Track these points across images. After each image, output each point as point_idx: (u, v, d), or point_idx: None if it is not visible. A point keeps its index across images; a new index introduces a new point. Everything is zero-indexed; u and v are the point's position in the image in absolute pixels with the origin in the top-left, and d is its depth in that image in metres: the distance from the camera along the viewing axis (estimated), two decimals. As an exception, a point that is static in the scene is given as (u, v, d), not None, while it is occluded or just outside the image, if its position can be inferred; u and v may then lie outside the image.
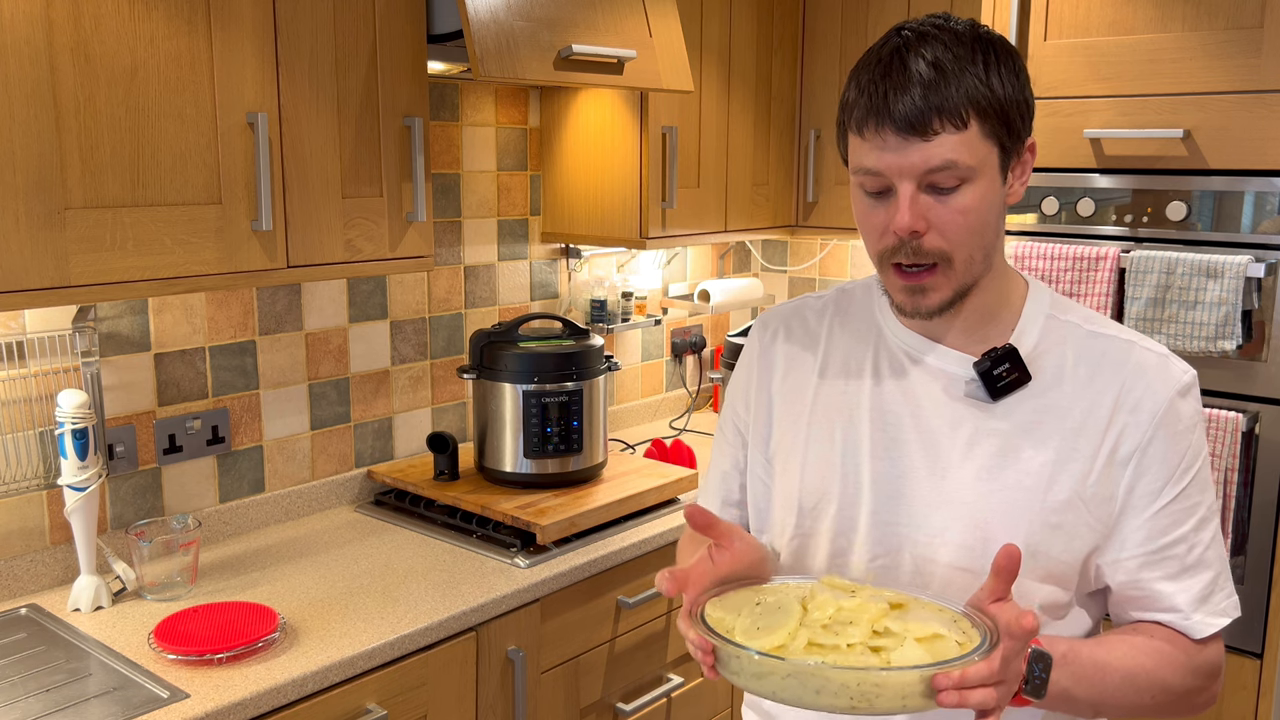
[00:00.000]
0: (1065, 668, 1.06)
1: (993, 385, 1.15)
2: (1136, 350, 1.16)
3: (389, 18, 1.90)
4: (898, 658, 0.96)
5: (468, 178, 2.54)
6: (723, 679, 1.03)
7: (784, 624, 1.01)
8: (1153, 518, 1.13)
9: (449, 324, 2.56)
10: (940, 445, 1.17)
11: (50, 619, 1.79)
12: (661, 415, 3.16)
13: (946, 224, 1.08)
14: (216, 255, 1.71)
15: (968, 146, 1.06)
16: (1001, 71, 1.07)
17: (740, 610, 1.06)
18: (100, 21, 1.55)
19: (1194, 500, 1.14)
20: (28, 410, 1.87)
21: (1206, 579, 1.14)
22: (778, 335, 1.31)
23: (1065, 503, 1.13)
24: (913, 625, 1.00)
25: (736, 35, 2.70)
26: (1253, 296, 2.05)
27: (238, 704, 1.54)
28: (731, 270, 3.35)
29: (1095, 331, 1.18)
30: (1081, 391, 1.15)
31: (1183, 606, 1.14)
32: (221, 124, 1.69)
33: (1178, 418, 1.14)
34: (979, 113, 1.06)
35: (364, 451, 2.42)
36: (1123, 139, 2.19)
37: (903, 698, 0.94)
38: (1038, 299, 1.21)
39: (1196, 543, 1.14)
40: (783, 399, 1.28)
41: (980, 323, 1.19)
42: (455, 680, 1.86)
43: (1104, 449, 1.13)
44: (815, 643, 0.99)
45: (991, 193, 1.09)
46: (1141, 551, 1.14)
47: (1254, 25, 2.03)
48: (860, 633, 0.99)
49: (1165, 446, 1.13)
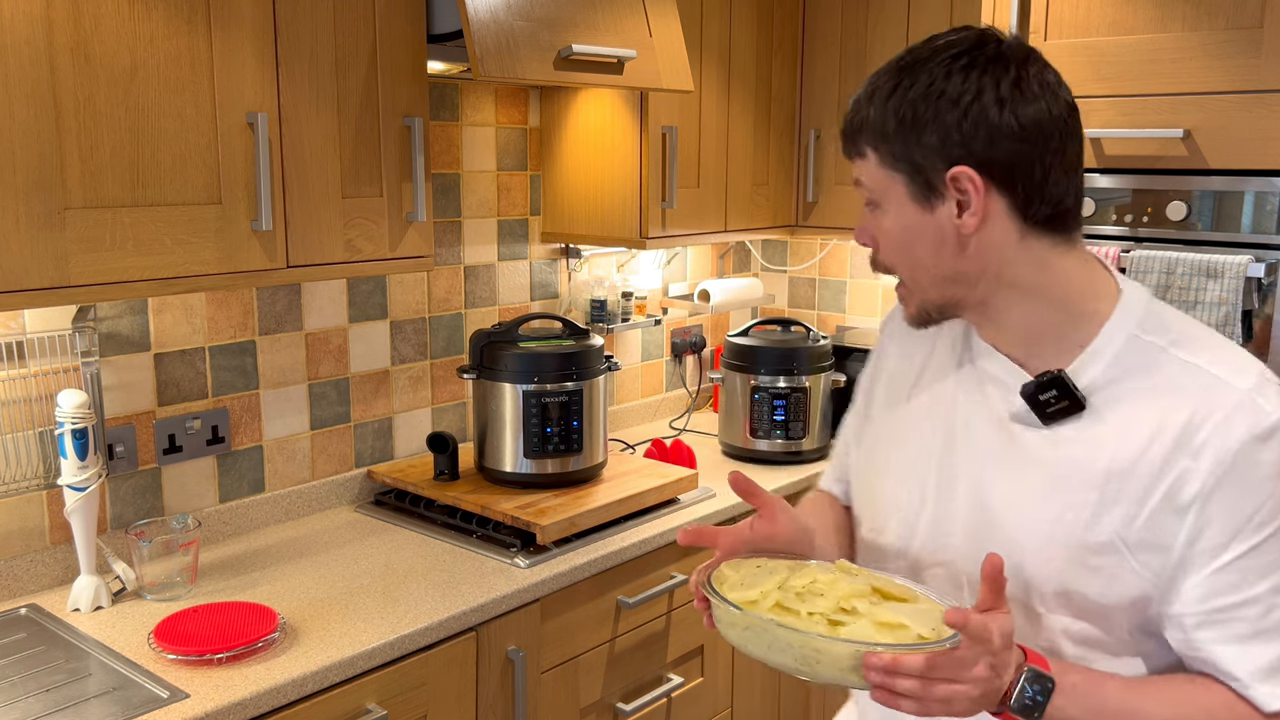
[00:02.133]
0: (1076, 698, 1.02)
1: (1041, 410, 1.10)
2: (1215, 382, 1.04)
3: (389, 18, 1.90)
4: (848, 632, 1.01)
5: (468, 178, 2.54)
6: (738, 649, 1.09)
7: (761, 585, 1.09)
8: (1214, 574, 1.03)
9: (449, 324, 2.56)
10: (991, 464, 1.15)
11: (50, 619, 1.79)
12: (661, 415, 3.16)
13: (881, 241, 1.13)
14: (216, 255, 1.71)
15: (868, 174, 1.11)
16: (906, 109, 1.06)
17: (742, 569, 1.13)
18: (100, 21, 1.55)
19: (1273, 558, 1.02)
20: (28, 410, 1.87)
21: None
22: (895, 333, 1.32)
23: (1105, 544, 1.06)
24: (883, 611, 1.04)
25: (736, 36, 2.70)
26: (1253, 296, 2.05)
27: (238, 704, 1.54)
28: (731, 270, 3.35)
29: (1178, 357, 1.07)
30: (1140, 425, 1.06)
31: (1241, 675, 1.03)
32: (221, 124, 1.69)
33: (1253, 465, 1.01)
34: (874, 146, 1.09)
35: (364, 451, 2.42)
36: (1123, 139, 2.19)
37: (840, 669, 0.98)
38: (1125, 315, 1.10)
39: (1274, 606, 1.02)
40: (883, 398, 1.30)
41: (1034, 339, 1.12)
42: (455, 680, 1.86)
43: (1157, 493, 1.04)
44: (783, 605, 1.05)
45: (906, 218, 1.09)
46: (1200, 610, 1.04)
47: (1254, 25, 2.03)
48: (826, 604, 1.04)
49: (1234, 496, 1.01)
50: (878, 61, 2.73)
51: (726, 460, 2.76)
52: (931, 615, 1.04)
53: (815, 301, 3.36)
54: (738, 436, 2.78)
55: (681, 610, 2.31)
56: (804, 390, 2.72)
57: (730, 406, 2.80)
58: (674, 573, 2.27)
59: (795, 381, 2.72)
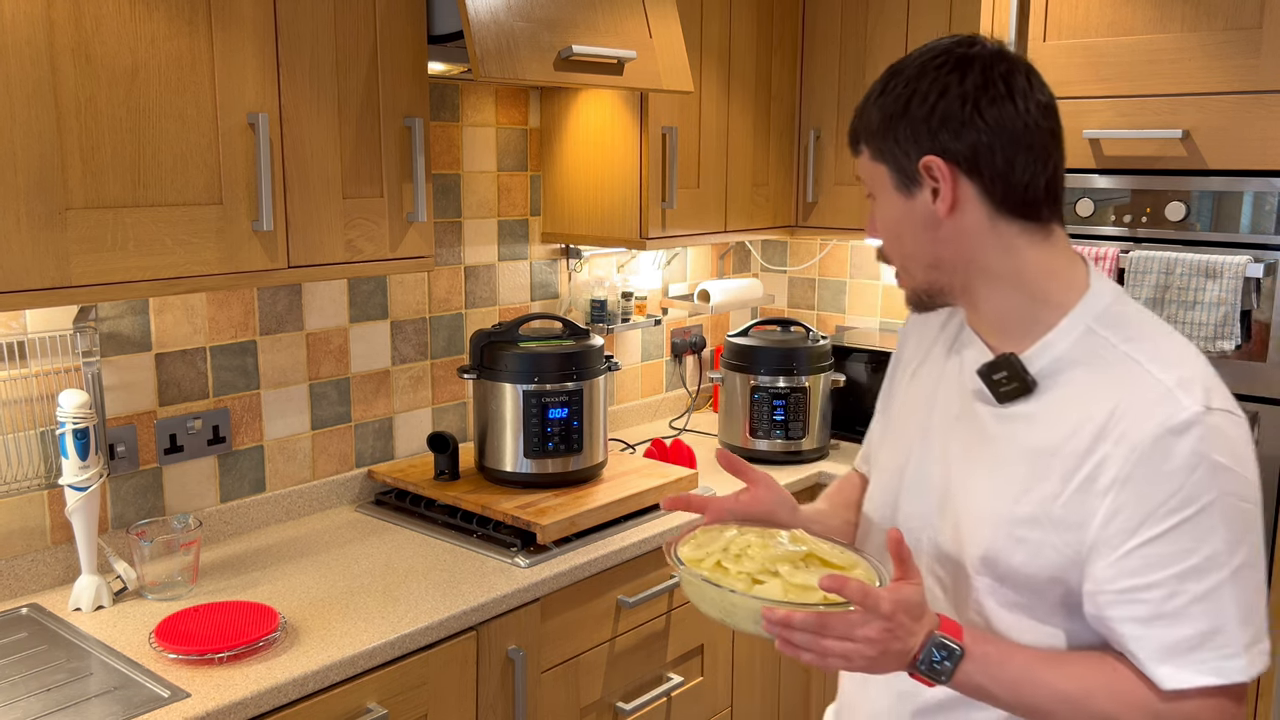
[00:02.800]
0: (986, 667, 1.11)
1: (995, 390, 1.19)
2: (1143, 376, 1.11)
3: (389, 18, 1.90)
4: (762, 591, 1.15)
5: (468, 178, 2.55)
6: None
7: (708, 547, 1.24)
8: (1124, 556, 1.08)
9: (449, 324, 2.56)
10: (954, 439, 1.26)
11: (51, 618, 1.79)
12: (661, 415, 3.16)
13: (876, 231, 1.25)
14: (217, 255, 1.71)
15: (863, 167, 1.23)
16: (889, 105, 1.18)
17: (708, 533, 1.29)
18: (101, 22, 1.55)
19: (1179, 547, 1.06)
20: (29, 410, 1.87)
21: (1186, 632, 1.06)
22: (916, 320, 1.42)
23: (1030, 519, 1.14)
24: (801, 575, 1.17)
25: (736, 36, 2.70)
26: (1252, 297, 2.05)
27: (238, 703, 1.54)
28: (731, 270, 3.35)
29: (1122, 351, 1.14)
30: (1073, 411, 1.13)
31: (1141, 654, 1.09)
32: (222, 124, 1.70)
33: (1165, 456, 1.06)
34: (865, 141, 1.22)
35: (364, 451, 2.42)
36: (1122, 139, 2.19)
37: (753, 622, 1.12)
38: (1085, 311, 1.17)
39: (1179, 592, 1.06)
40: (902, 378, 1.41)
41: (1005, 327, 1.20)
42: (455, 680, 1.86)
43: (1079, 475, 1.11)
44: (722, 565, 1.20)
45: (893, 208, 1.21)
46: (1110, 589, 1.10)
47: (1253, 25, 2.03)
48: (752, 566, 1.19)
49: (1144, 485, 1.07)
50: (878, 61, 2.75)
51: (726, 460, 2.76)
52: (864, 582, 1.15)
53: (815, 301, 3.37)
54: (737, 436, 2.78)
55: (681, 610, 2.31)
56: (804, 390, 2.73)
57: (730, 406, 2.81)
58: (674, 573, 2.27)
59: (795, 381, 2.73)
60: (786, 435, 2.73)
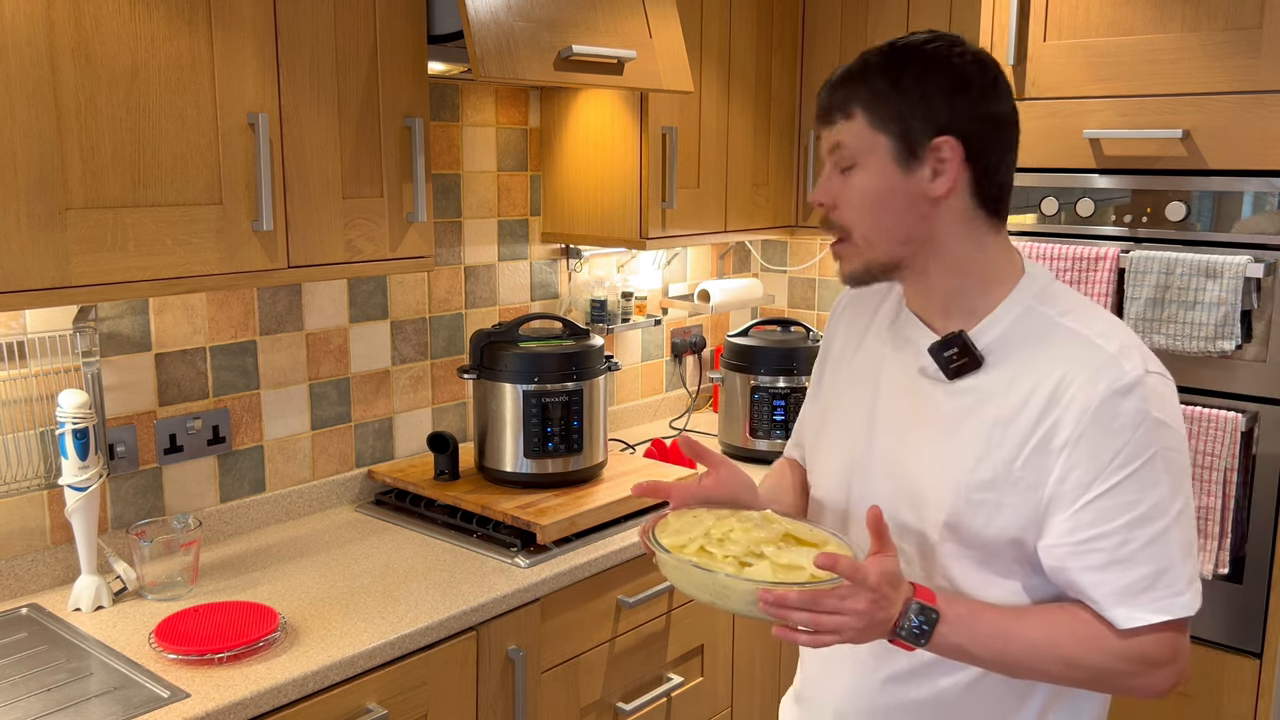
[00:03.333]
0: (960, 626, 1.18)
1: (945, 366, 1.26)
2: (1086, 345, 1.20)
3: (389, 18, 1.90)
4: (750, 573, 1.17)
5: (468, 178, 2.55)
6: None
7: (689, 532, 1.26)
8: (1079, 511, 1.17)
9: (449, 324, 2.56)
10: (904, 416, 1.31)
11: (51, 619, 1.79)
12: (661, 415, 3.16)
13: (844, 201, 1.25)
14: (217, 255, 1.71)
15: (853, 134, 1.23)
16: (903, 81, 1.21)
17: (683, 519, 1.30)
18: (101, 22, 1.55)
19: (1130, 498, 1.16)
20: (28, 410, 1.87)
21: (1138, 574, 1.16)
22: (845, 311, 1.48)
23: (988, 482, 1.21)
24: (786, 555, 1.20)
25: (736, 36, 2.70)
26: (1252, 297, 2.05)
27: (238, 703, 1.54)
28: (731, 270, 3.35)
29: (1063, 325, 1.23)
30: (1024, 380, 1.21)
31: (1100, 598, 1.17)
32: (222, 124, 1.70)
33: (1113, 415, 1.16)
34: (864, 108, 1.22)
35: (364, 451, 2.42)
36: (1122, 139, 2.19)
37: (745, 604, 1.15)
38: (1024, 290, 1.26)
39: (1130, 539, 1.16)
40: (833, 370, 1.46)
41: (953, 308, 1.27)
42: (455, 680, 1.86)
43: (1034, 438, 1.19)
44: (706, 549, 1.22)
45: (884, 178, 1.22)
46: (1068, 541, 1.18)
47: (1253, 26, 2.03)
48: (737, 549, 1.21)
49: (1096, 443, 1.16)
50: (877, 62, 2.75)
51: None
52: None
53: (815, 301, 3.37)
54: (737, 436, 2.78)
55: (681, 610, 2.31)
56: (804, 390, 2.73)
57: (730, 406, 2.81)
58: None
59: (795, 381, 2.73)
60: (786, 435, 2.73)
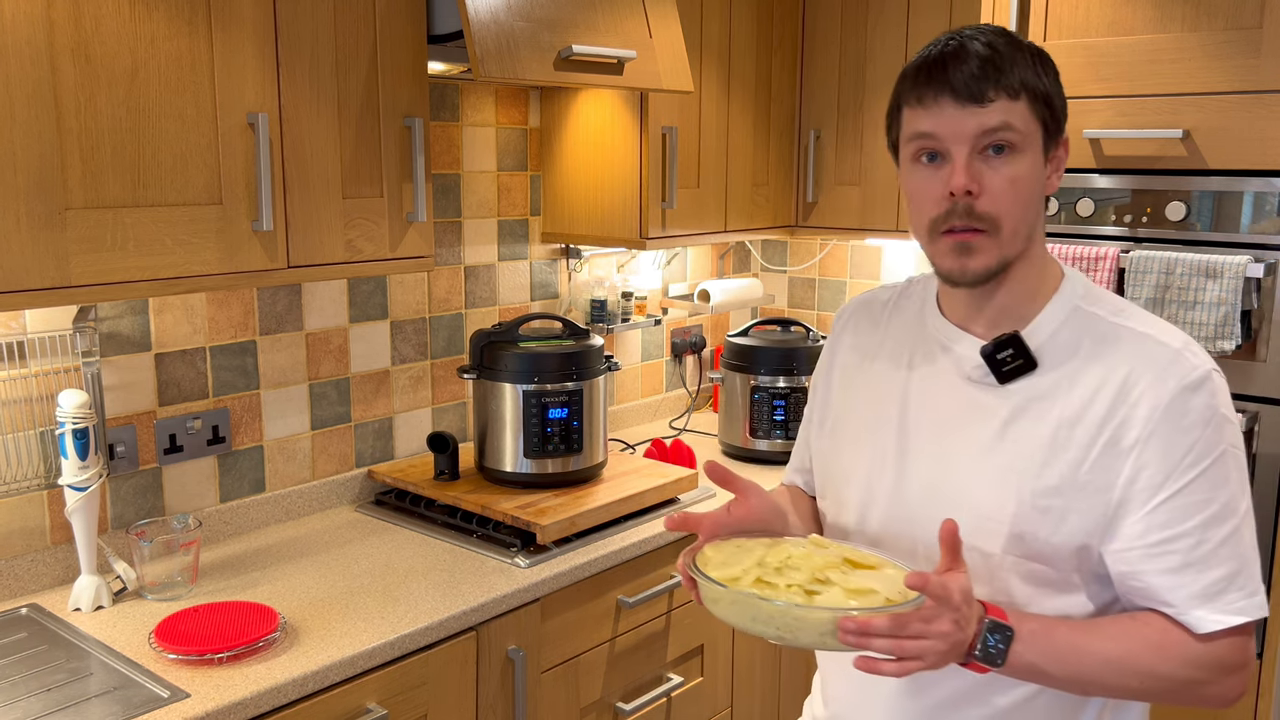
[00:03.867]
0: (1033, 644, 1.11)
1: (998, 369, 1.21)
2: (1150, 342, 1.17)
3: (389, 18, 1.90)
4: (823, 601, 1.09)
5: (468, 178, 2.55)
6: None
7: (743, 561, 1.18)
8: (1152, 512, 1.14)
9: (449, 324, 2.56)
10: (948, 426, 1.25)
11: (51, 619, 1.79)
12: (661, 415, 3.16)
13: (998, 190, 1.16)
14: (217, 255, 1.71)
15: (1019, 116, 1.15)
16: (1043, 68, 1.18)
17: (723, 550, 1.22)
18: (101, 22, 1.55)
19: (1203, 496, 1.13)
20: (28, 410, 1.87)
21: (1215, 576, 1.13)
22: (848, 326, 1.43)
23: (1055, 488, 1.17)
24: (853, 579, 1.13)
25: (736, 36, 2.70)
26: (1252, 296, 2.05)
27: (238, 704, 1.54)
28: (731, 270, 3.35)
29: (1117, 323, 1.21)
30: (1086, 380, 1.18)
31: (1178, 602, 1.14)
32: (222, 124, 1.70)
33: (1183, 412, 1.13)
34: (1028, 91, 1.16)
35: (364, 451, 2.42)
36: (1122, 139, 2.19)
37: (820, 634, 1.07)
38: (1069, 290, 1.24)
39: (1204, 540, 1.13)
40: (840, 385, 1.40)
41: (1008, 313, 1.23)
42: (455, 680, 1.86)
43: (1101, 439, 1.15)
44: (763, 580, 1.14)
45: (1037, 169, 1.18)
46: (1140, 544, 1.15)
47: (1253, 25, 2.03)
48: (801, 577, 1.13)
49: (1167, 441, 1.13)
50: (878, 61, 2.75)
51: (726, 460, 2.76)
52: (897, 580, 1.13)
53: (815, 302, 3.37)
54: (737, 436, 2.78)
55: (681, 610, 2.31)
56: (804, 390, 2.72)
57: (730, 406, 2.81)
58: (674, 572, 2.27)
59: (795, 381, 2.73)
60: (787, 435, 2.73)
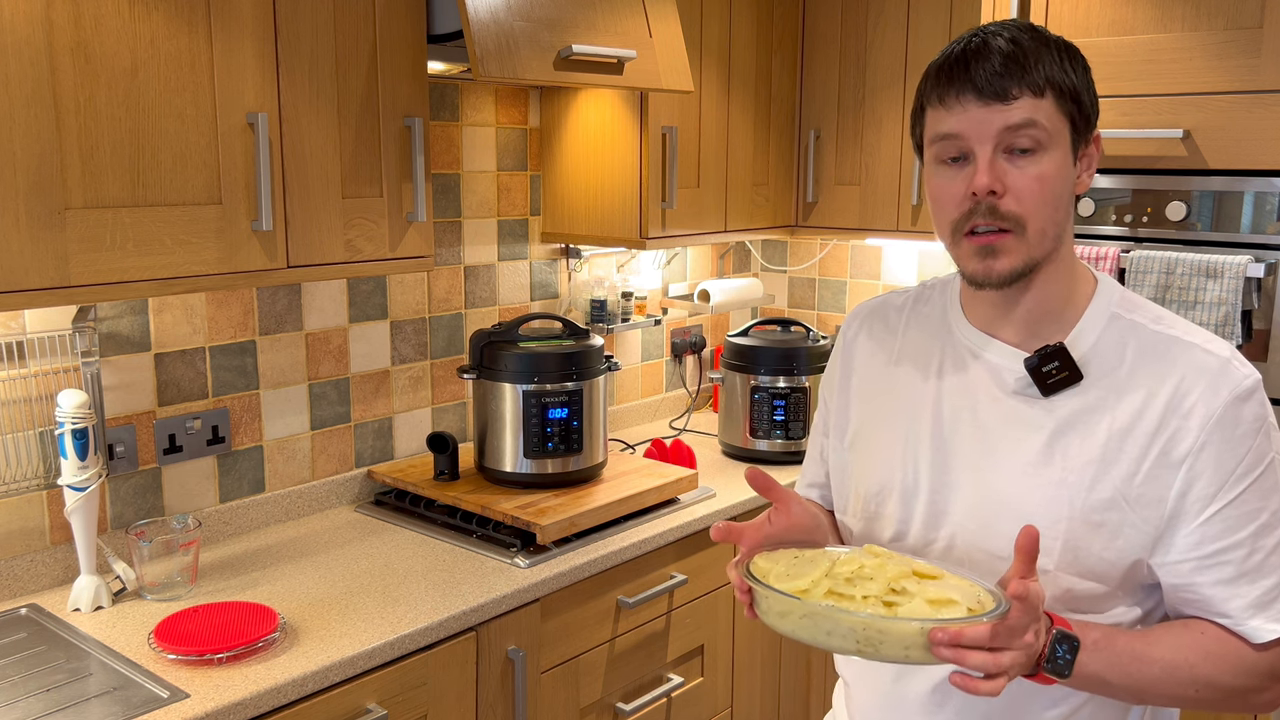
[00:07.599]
0: (1097, 654, 1.09)
1: (1043, 382, 1.18)
2: (1197, 352, 1.15)
3: (389, 18, 1.90)
4: (904, 612, 1.04)
5: (468, 178, 2.55)
6: (771, 629, 1.11)
7: (810, 573, 1.11)
8: (1206, 523, 1.12)
9: (449, 324, 2.56)
10: (990, 439, 1.21)
11: (50, 619, 1.79)
12: (661, 415, 3.16)
13: (1023, 189, 1.12)
14: (217, 255, 1.71)
15: (1045, 113, 1.12)
16: (1070, 63, 1.15)
17: (780, 561, 1.15)
18: (100, 22, 1.55)
19: (1254, 505, 1.12)
20: (28, 410, 1.87)
21: (1268, 584, 1.12)
22: (860, 332, 1.38)
23: (1108, 501, 1.14)
24: (930, 589, 1.07)
25: (736, 35, 2.70)
26: (1252, 296, 2.05)
27: (238, 704, 1.54)
28: (731, 270, 3.35)
29: (1159, 331, 1.18)
30: (1134, 392, 1.15)
31: (1234, 613, 1.13)
32: (222, 124, 1.70)
33: (1235, 422, 1.12)
34: (1054, 87, 1.12)
35: (364, 451, 2.42)
36: (1122, 139, 2.19)
37: (905, 647, 1.01)
38: (1105, 296, 1.21)
39: (1257, 549, 1.12)
40: (859, 394, 1.35)
41: (1040, 317, 1.20)
42: (455, 680, 1.86)
43: (1153, 451, 1.13)
44: (835, 592, 1.07)
45: (1065, 167, 1.15)
46: (1194, 556, 1.13)
47: (1254, 25, 2.03)
48: (877, 588, 1.07)
49: (1220, 451, 1.12)
50: (878, 61, 2.75)
51: (726, 460, 2.76)
52: (964, 589, 1.08)
53: (815, 301, 3.36)
54: (737, 436, 2.78)
55: (681, 610, 2.31)
56: (804, 390, 2.73)
57: (730, 406, 2.80)
58: (674, 572, 2.27)
59: (795, 381, 2.73)
60: (787, 435, 2.73)
